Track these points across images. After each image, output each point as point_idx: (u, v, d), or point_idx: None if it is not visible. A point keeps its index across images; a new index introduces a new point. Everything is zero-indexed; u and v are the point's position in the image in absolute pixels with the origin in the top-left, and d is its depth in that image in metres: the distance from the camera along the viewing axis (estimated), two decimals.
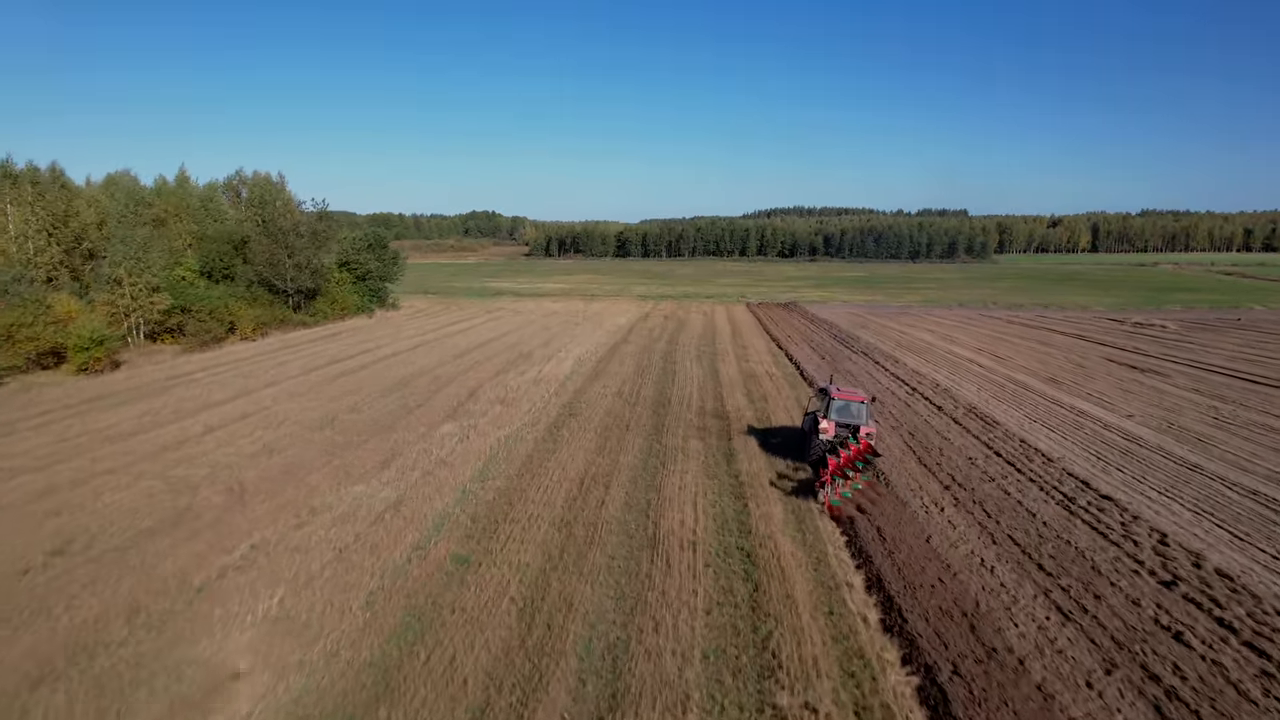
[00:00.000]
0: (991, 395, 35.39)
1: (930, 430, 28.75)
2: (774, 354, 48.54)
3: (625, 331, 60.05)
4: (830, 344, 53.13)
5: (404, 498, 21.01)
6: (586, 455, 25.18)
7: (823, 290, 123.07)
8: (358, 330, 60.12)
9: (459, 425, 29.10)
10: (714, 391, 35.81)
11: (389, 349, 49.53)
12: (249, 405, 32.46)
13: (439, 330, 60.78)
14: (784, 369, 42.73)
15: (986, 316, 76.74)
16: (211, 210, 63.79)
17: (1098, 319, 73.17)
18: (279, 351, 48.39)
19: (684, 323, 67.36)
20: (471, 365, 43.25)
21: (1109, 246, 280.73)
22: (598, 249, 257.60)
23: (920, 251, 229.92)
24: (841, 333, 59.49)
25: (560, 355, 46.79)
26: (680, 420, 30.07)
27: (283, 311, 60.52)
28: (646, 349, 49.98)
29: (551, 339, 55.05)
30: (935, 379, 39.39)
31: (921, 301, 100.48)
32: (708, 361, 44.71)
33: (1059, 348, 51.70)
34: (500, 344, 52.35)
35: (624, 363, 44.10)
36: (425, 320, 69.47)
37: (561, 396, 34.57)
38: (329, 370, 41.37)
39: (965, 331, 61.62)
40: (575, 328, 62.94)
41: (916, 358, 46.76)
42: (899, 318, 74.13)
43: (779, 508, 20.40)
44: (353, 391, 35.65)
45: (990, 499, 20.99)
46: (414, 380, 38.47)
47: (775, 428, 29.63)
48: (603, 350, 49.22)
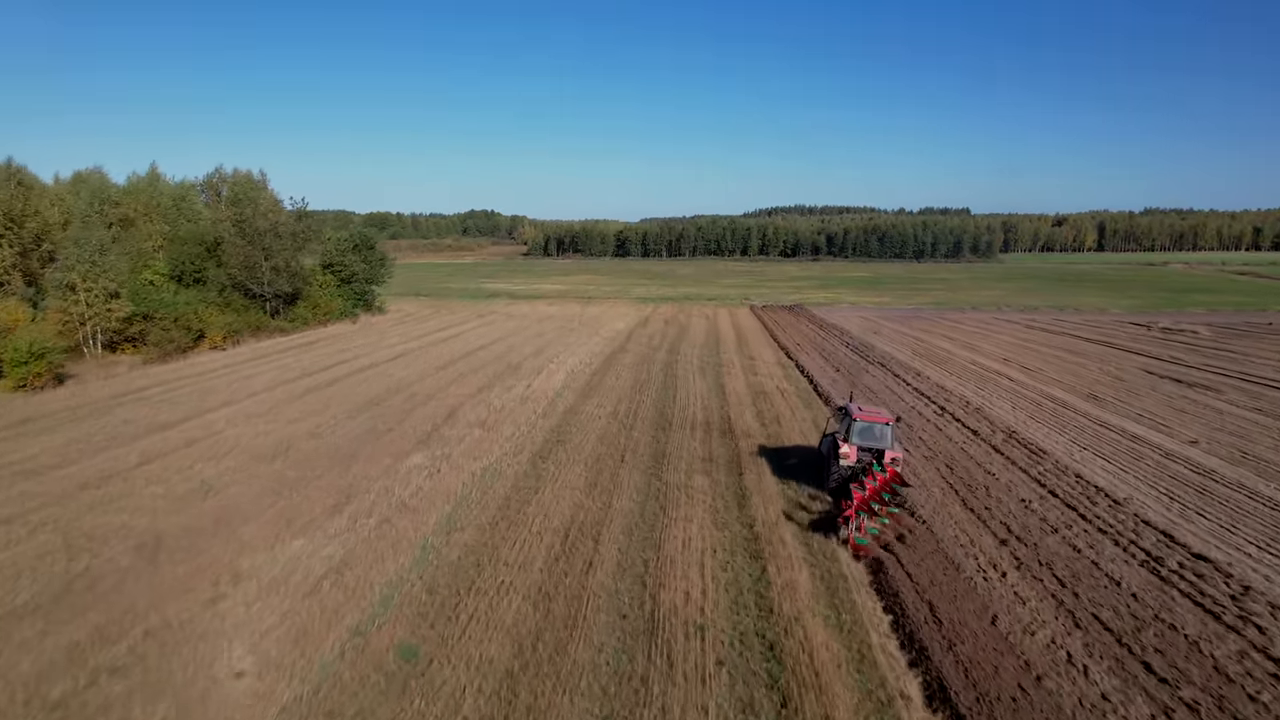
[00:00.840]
0: (1029, 415, 31.76)
1: (969, 461, 25.13)
2: (783, 365, 44.89)
3: (623, 338, 56.43)
4: (843, 353, 49.50)
5: (351, 557, 17.40)
6: (574, 496, 21.57)
7: (828, 291, 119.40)
8: (337, 338, 56.49)
9: (430, 455, 25.48)
10: (720, 412, 32.19)
11: (367, 359, 45.90)
12: (198, 429, 28.84)
13: (424, 337, 57.15)
14: (796, 383, 39.09)
15: (1003, 321, 73.08)
16: (184, 210, 60.17)
17: (1120, 323, 69.50)
18: (249, 362, 44.76)
19: (685, 328, 63.72)
20: (454, 379, 39.62)
21: (1116, 245, 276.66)
22: (597, 248, 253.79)
23: (925, 251, 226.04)
24: (854, 340, 55.84)
25: (551, 367, 43.18)
26: (683, 449, 26.45)
27: (258, 317, 56.90)
28: (645, 359, 46.35)
29: (544, 347, 51.42)
30: (963, 395, 35.76)
31: (932, 304, 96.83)
32: (712, 374, 41.08)
33: (1089, 357, 48.05)
34: (488, 353, 48.73)
35: (621, 376, 40.48)
36: (412, 326, 65.83)
37: (550, 418, 30.96)
38: (297, 385, 37.75)
39: (985, 338, 57.97)
40: (570, 334, 59.31)
41: (939, 369, 43.12)
42: (911, 322, 70.47)
43: (804, 572, 16.77)
44: (318, 411, 32.03)
45: (1059, 558, 17.36)
46: (388, 398, 34.85)
47: (790, 452, 26.19)
48: (598, 361, 45.60)
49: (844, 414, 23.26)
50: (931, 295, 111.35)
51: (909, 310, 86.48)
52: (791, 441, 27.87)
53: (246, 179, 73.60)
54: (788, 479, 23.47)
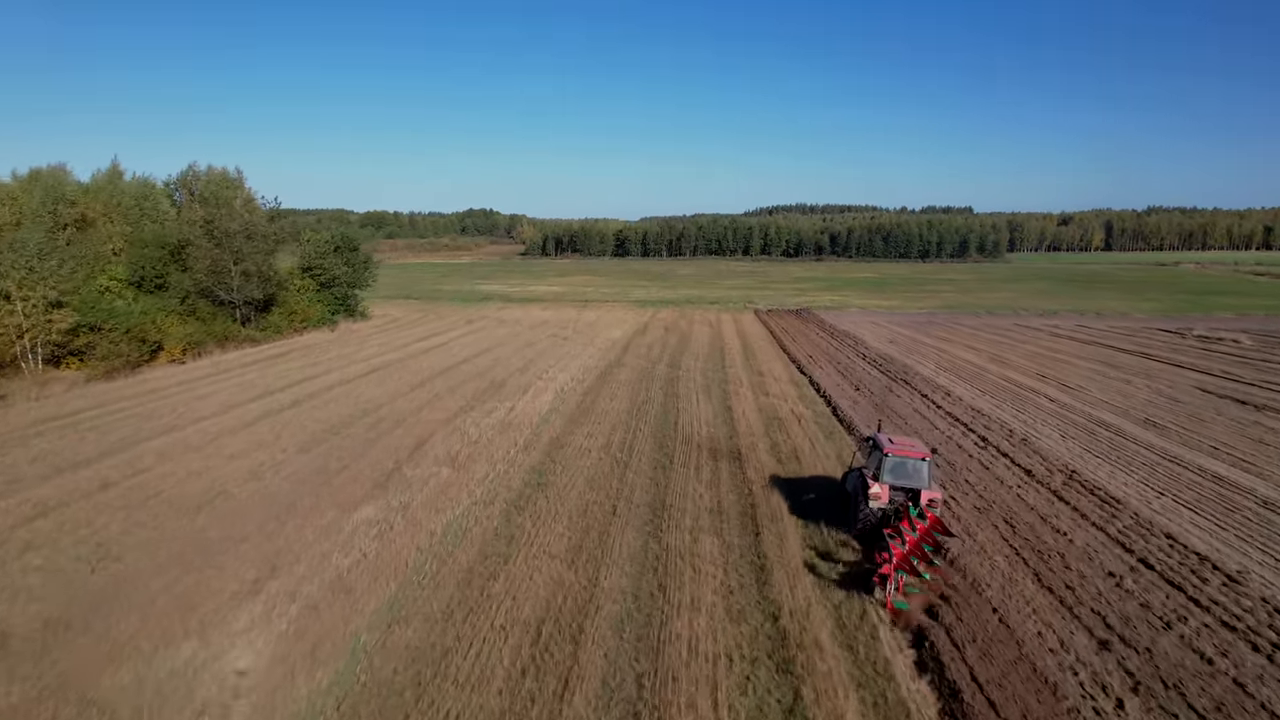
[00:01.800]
0: (1083, 447, 27.57)
1: (1030, 514, 20.94)
2: (796, 382, 40.67)
3: (620, 349, 52.23)
4: (860, 366, 45.28)
5: (253, 669, 13.24)
6: (553, 568, 17.39)
7: (835, 294, 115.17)
8: (311, 349, 52.28)
9: (385, 506, 21.30)
10: (729, 443, 27.99)
11: (337, 375, 41.70)
12: (120, 468, 24.65)
13: (405, 348, 52.94)
14: (813, 405, 34.88)
15: (1024, 327, 68.86)
16: (147, 210, 55.90)
17: (1150, 330, 65.28)
18: (207, 379, 40.57)
19: (687, 337, 59.51)
20: (430, 399, 35.43)
21: (1124, 245, 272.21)
22: (596, 248, 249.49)
23: (930, 251, 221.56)
24: (870, 350, 51.63)
25: (539, 384, 38.99)
26: (687, 495, 22.28)
27: (226, 326, 52.70)
28: (644, 374, 42.15)
29: (533, 360, 47.22)
30: (1002, 420, 31.56)
31: (943, 307, 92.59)
32: (718, 394, 36.88)
33: (1130, 371, 43.84)
34: (472, 367, 44.52)
35: (616, 396, 36.28)
36: (395, 334, 61.60)
37: (532, 451, 26.78)
38: (252, 408, 33.55)
39: (1010, 348, 53.76)
40: (563, 344, 55.10)
41: (968, 387, 38.92)
42: (928, 329, 66.24)
43: (854, 699, 12.58)
44: (267, 443, 27.85)
45: (1188, 674, 13.17)
46: (352, 424, 30.67)
47: (808, 484, 22.38)
48: (591, 376, 41.41)
49: (873, 446, 20.03)
50: (942, 298, 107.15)
51: (922, 315, 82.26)
52: (810, 472, 23.80)
53: (221, 177, 69.26)
54: (811, 524, 19.64)
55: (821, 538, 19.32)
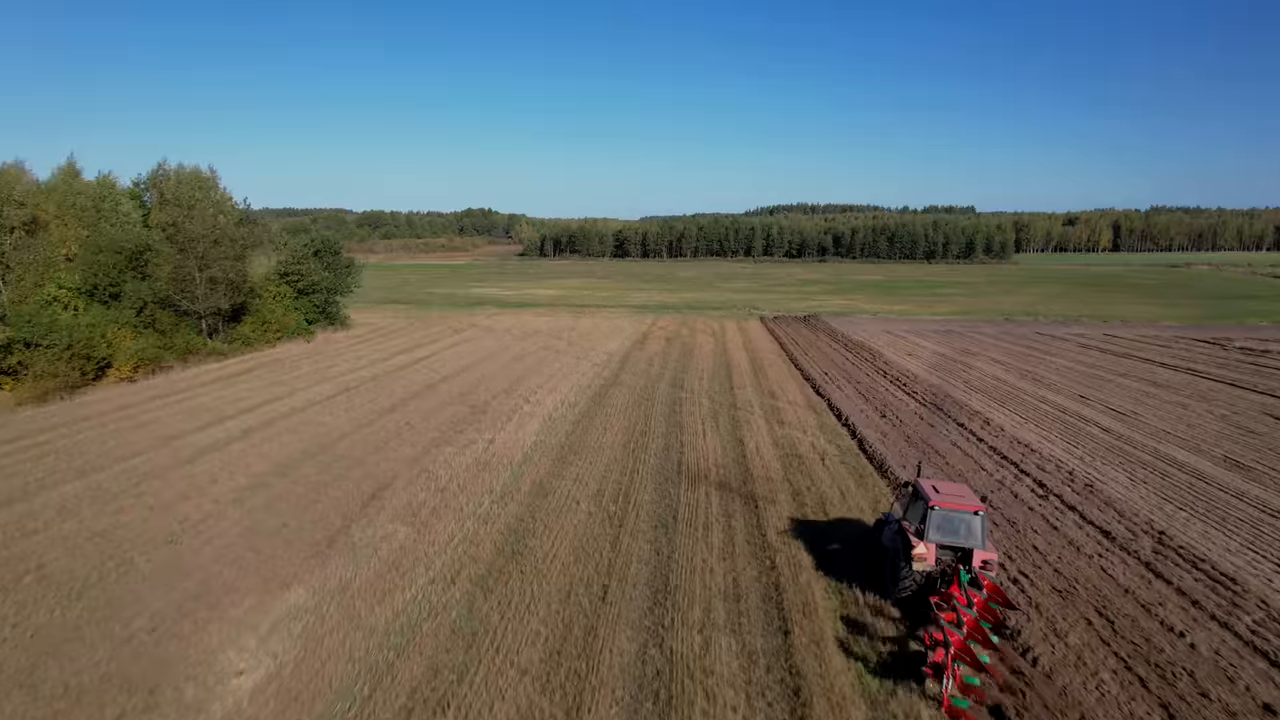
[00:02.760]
0: (1161, 495, 23.33)
1: (1124, 598, 16.69)
2: (814, 406, 36.42)
3: (617, 364, 47.98)
4: (882, 386, 41.01)
5: None
6: (521, 693, 13.15)
7: (842, 298, 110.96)
8: (282, 363, 48.02)
9: (318, 588, 17.06)
10: (743, 491, 23.76)
11: (303, 396, 37.46)
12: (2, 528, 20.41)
13: (384, 362, 48.69)
14: (836, 438, 30.60)
15: (1048, 337, 64.59)
16: (106, 212, 51.63)
17: (1185, 340, 61.03)
18: (154, 401, 36.34)
19: (690, 349, 55.24)
20: (399, 429, 31.20)
21: (1132, 245, 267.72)
22: (595, 249, 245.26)
23: (936, 252, 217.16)
24: (890, 366, 47.38)
25: (526, 409, 34.76)
26: (696, 569, 18.06)
27: (189, 339, 48.48)
28: (643, 396, 37.90)
29: (522, 377, 42.98)
30: (1056, 458, 27.30)
31: (958, 314, 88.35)
32: (726, 422, 32.63)
33: (1182, 392, 39.58)
34: (453, 387, 40.27)
35: (610, 425, 32.04)
36: (375, 345, 57.36)
37: (509, 503, 22.55)
38: (196, 440, 29.32)
39: (1041, 362, 49.49)
40: (555, 357, 50.87)
41: (1007, 412, 34.67)
42: (948, 339, 61.99)
43: None
44: (200, 488, 23.62)
45: None
46: (304, 463, 26.42)
47: (832, 531, 18.26)
48: (585, 398, 37.19)
49: (914, 495, 17.24)
50: (954, 302, 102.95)
51: (937, 323, 78.00)
52: (843, 532, 19.58)
53: (192, 176, 65.02)
54: (845, 589, 15.53)
55: (857, 605, 15.28)
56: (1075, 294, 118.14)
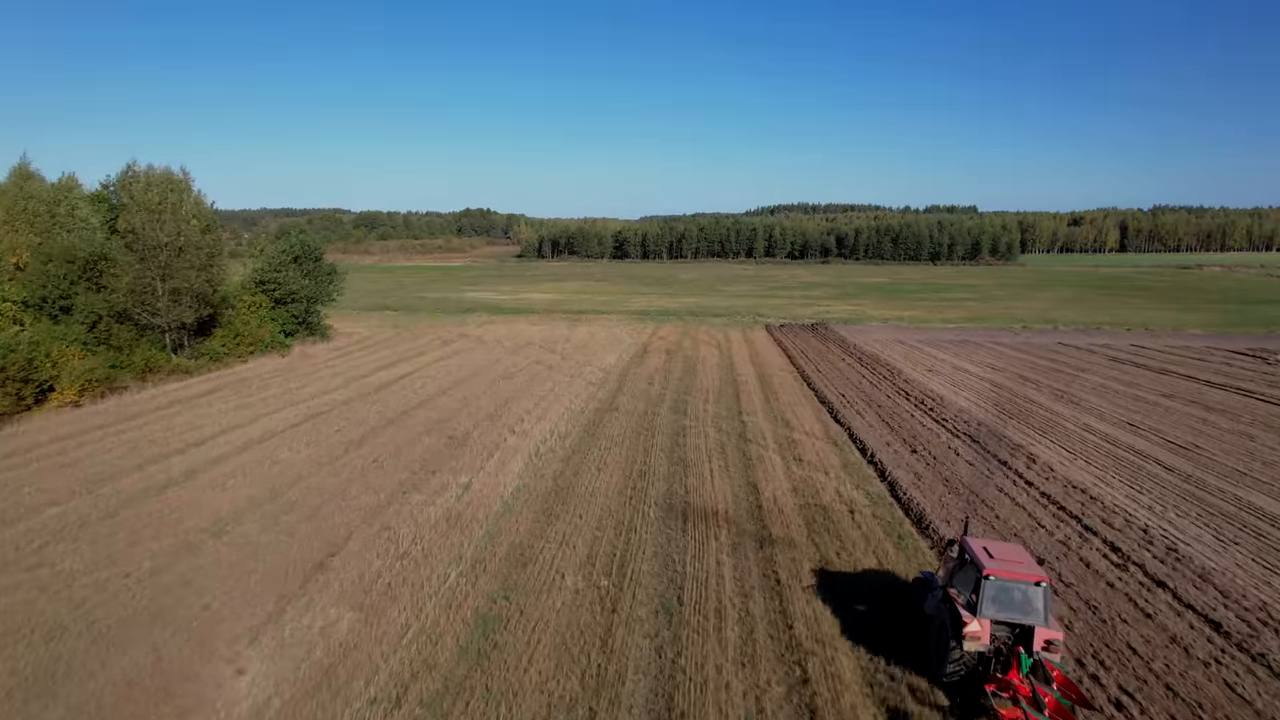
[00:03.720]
0: (1262, 562, 19.54)
1: None
2: (834, 438, 32.55)
3: (614, 383, 44.15)
4: (906, 410, 37.18)
5: None
6: None
7: (848, 303, 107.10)
8: (249, 382, 44.16)
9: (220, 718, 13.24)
10: (761, 554, 19.93)
11: (262, 426, 33.60)
12: None
13: (362, 380, 44.84)
14: (863, 480, 26.74)
15: (1073, 348, 60.80)
16: (61, 217, 47.75)
17: (1221, 352, 57.25)
18: (93, 433, 32.48)
19: (693, 364, 51.39)
20: (364, 470, 27.35)
21: (1139, 246, 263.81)
22: (594, 250, 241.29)
23: (941, 253, 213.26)
24: (911, 384, 43.56)
25: (511, 441, 30.93)
26: (708, 687, 14.21)
27: (150, 356, 44.62)
28: (642, 425, 34.07)
29: (509, 400, 39.13)
30: (1122, 508, 23.46)
31: (971, 320, 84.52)
32: (737, 459, 28.79)
33: (1243, 419, 35.78)
34: (432, 412, 36.44)
35: (605, 462, 28.21)
36: (356, 359, 53.51)
37: (480, 575, 18.76)
38: (120, 486, 25.45)
39: (1073, 380, 45.65)
40: (548, 374, 47.04)
41: (1051, 444, 30.83)
42: (967, 352, 58.19)
43: None
44: (106, 560, 19.77)
45: None
46: (241, 519, 22.58)
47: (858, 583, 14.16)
48: (577, 428, 33.38)
49: (963, 560, 14.83)
50: (965, 308, 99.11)
51: (951, 332, 74.17)
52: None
53: (163, 178, 61.10)
54: None
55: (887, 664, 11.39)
56: (1088, 298, 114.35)
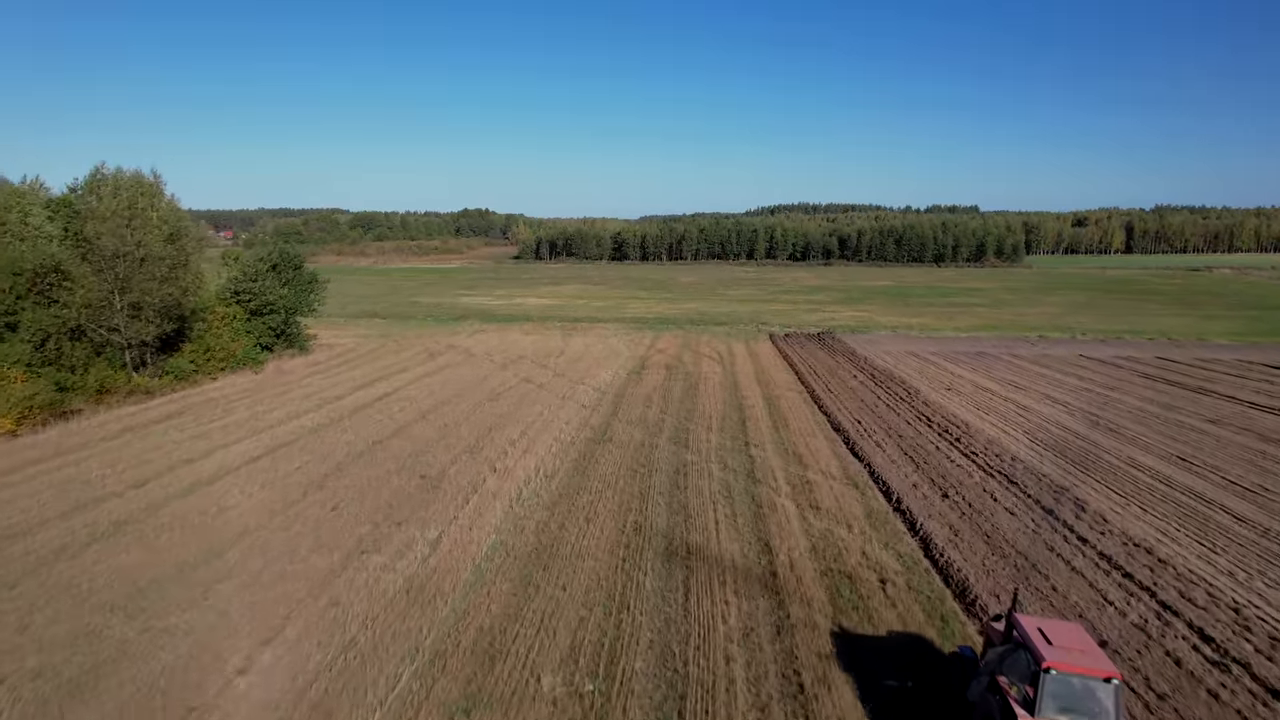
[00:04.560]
0: None
1: None
2: (853, 477, 29.10)
3: (609, 405, 40.76)
4: (931, 442, 33.75)
5: None
6: None
7: (853, 309, 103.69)
8: (215, 404, 40.73)
9: None
10: (777, 644, 16.51)
11: (215, 462, 30.17)
12: None
13: (337, 402, 41.41)
14: (892, 537, 23.31)
15: (1096, 361, 57.44)
16: (11, 225, 44.27)
17: (1259, 368, 53.88)
18: (24, 469, 29.04)
19: (694, 383, 47.94)
20: (319, 522, 23.93)
21: (1145, 247, 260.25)
22: (592, 251, 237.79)
23: (945, 254, 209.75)
24: (931, 407, 40.15)
25: (491, 482, 27.52)
26: None
27: (106, 376, 41.21)
28: (638, 461, 30.65)
29: (494, 428, 35.73)
30: (1201, 575, 20.04)
31: (984, 329, 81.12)
32: (745, 507, 25.37)
33: None
34: (407, 443, 33.02)
35: (596, 511, 24.79)
36: (334, 376, 50.07)
37: (436, 679, 15.34)
38: (33, 542, 22.04)
39: (1106, 403, 42.23)
40: (539, 394, 43.63)
41: (1101, 488, 27.39)
42: (986, 367, 54.81)
43: None
44: None
45: None
46: (164, 590, 19.16)
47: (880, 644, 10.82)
48: (567, 463, 29.98)
49: (1015, 644, 12.28)
50: (976, 315, 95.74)
51: (965, 342, 70.77)
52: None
53: (133, 181, 57.71)
54: None
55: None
56: (1101, 303, 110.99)
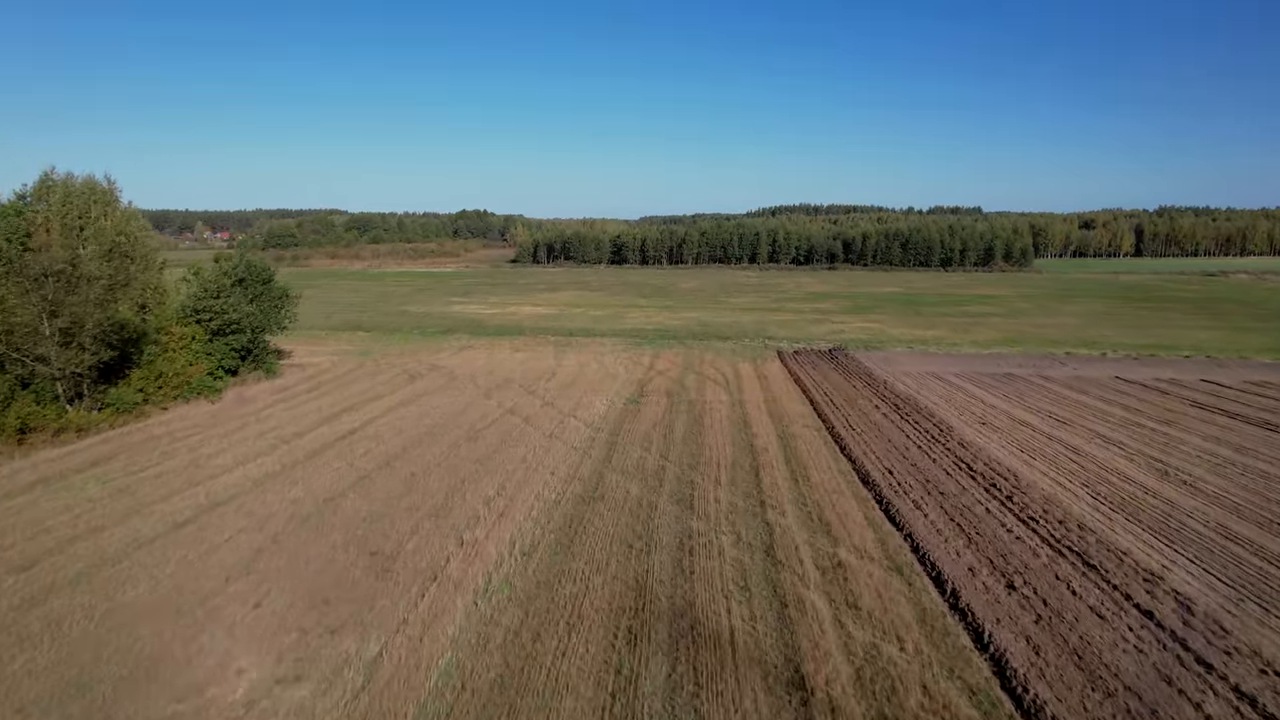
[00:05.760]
0: None
1: None
2: (895, 560, 24.19)
3: (603, 447, 35.88)
4: (980, 502, 28.84)
5: None
6: None
7: (863, 319, 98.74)
8: (152, 445, 35.82)
9: None
10: None
11: (124, 534, 25.24)
12: None
13: (293, 443, 36.50)
14: (956, 658, 18.37)
15: (1138, 386, 52.58)
16: None
17: None
18: None
19: (699, 416, 42.98)
20: (233, 626, 19.03)
21: (1155, 250, 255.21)
22: (591, 255, 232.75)
23: (952, 259, 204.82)
24: (975, 454, 35.27)
25: (454, 565, 22.62)
26: None
27: (30, 413, 36.33)
28: (635, 528, 25.74)
29: (467, 479, 30.82)
30: None
31: (1003, 343, 76.23)
32: (766, 607, 20.44)
33: None
34: (363, 501, 28.10)
35: (581, 615, 19.86)
36: (299, 406, 45.14)
37: None
38: None
39: (1170, 442, 37.32)
40: (524, 429, 38.77)
41: (1199, 573, 22.50)
42: (1019, 394, 49.91)
43: None
44: None
45: None
46: None
47: None
48: (550, 533, 25.08)
49: None
50: (992, 326, 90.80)
51: (987, 360, 65.83)
52: None
53: (85, 188, 52.98)
54: None
55: None
56: (1121, 313, 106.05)
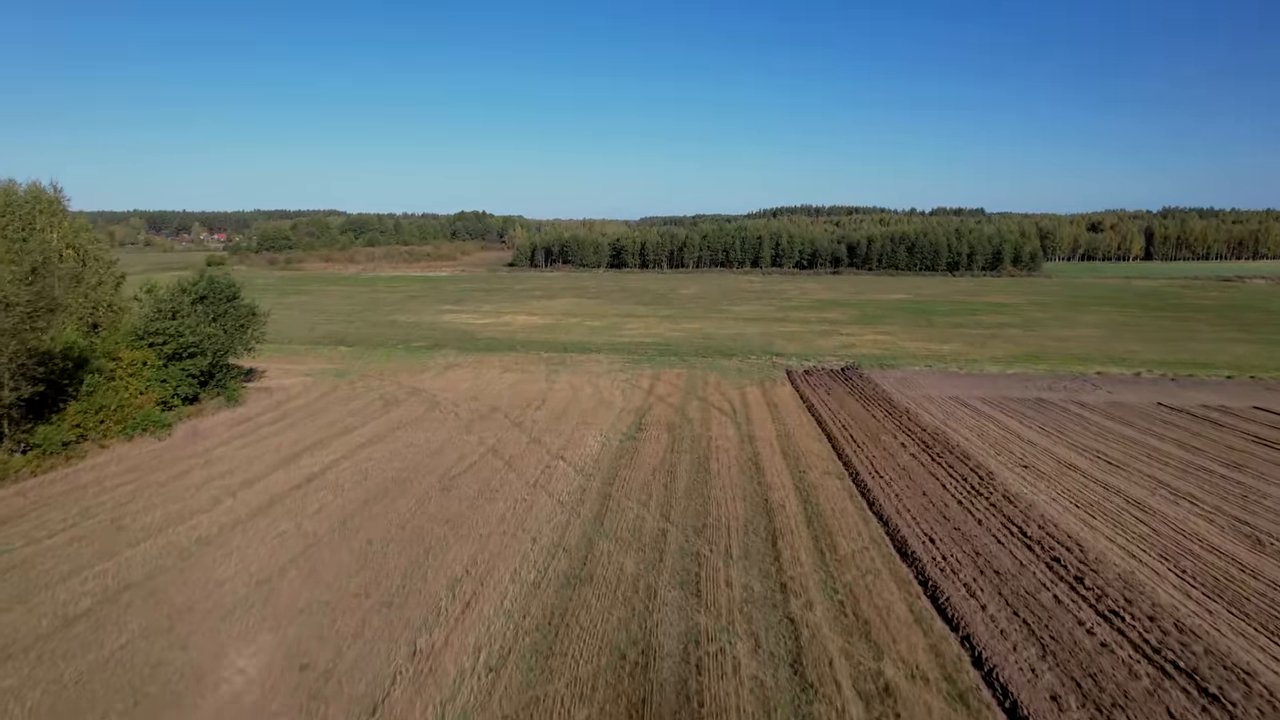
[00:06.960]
0: None
1: None
2: (954, 679, 19.52)
3: (596, 498, 31.18)
4: (1046, 588, 24.12)
5: None
6: None
7: (874, 330, 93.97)
8: (70, 499, 31.09)
9: None
10: None
11: (3, 635, 20.55)
12: None
13: (240, 494, 31.77)
14: None
15: (1189, 417, 47.97)
16: None
17: None
18: None
19: (704, 459, 38.22)
20: None
21: (1165, 253, 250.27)
22: (589, 259, 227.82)
23: (960, 263, 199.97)
24: (1027, 515, 30.56)
25: (402, 683, 17.90)
26: None
27: None
28: (628, 632, 21.03)
29: (431, 549, 26.10)
30: None
31: (1025, 360, 71.49)
32: None
33: None
34: (305, 583, 23.38)
35: None
36: (258, 442, 40.37)
37: None
38: None
39: (1249, 495, 32.67)
40: (505, 476, 34.07)
41: None
42: (1059, 427, 45.20)
43: None
44: None
45: None
46: None
47: None
48: (526, 629, 20.37)
49: None
50: (1010, 340, 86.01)
51: (1012, 381, 61.03)
52: None
53: (29, 197, 48.41)
54: None
55: None
56: (1143, 323, 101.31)
